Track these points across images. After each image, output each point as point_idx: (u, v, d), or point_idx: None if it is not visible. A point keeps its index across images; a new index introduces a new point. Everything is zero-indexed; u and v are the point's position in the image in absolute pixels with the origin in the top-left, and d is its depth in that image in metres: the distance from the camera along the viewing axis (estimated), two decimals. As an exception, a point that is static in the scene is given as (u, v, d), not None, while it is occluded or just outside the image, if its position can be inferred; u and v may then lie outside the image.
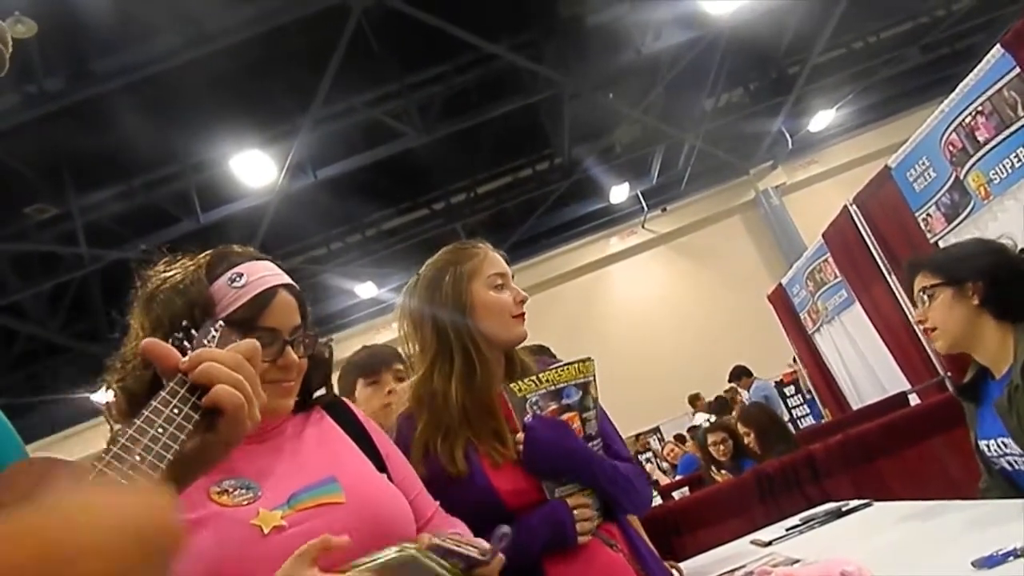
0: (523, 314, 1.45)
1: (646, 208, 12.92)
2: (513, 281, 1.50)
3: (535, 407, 1.35)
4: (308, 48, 6.90)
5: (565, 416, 1.37)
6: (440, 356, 1.43)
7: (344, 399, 1.22)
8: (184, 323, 0.90)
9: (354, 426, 1.16)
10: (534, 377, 1.36)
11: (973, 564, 1.04)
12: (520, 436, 1.33)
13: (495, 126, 9.02)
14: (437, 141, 8.80)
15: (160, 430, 0.70)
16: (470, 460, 1.35)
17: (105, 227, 8.51)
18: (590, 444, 1.38)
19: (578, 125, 9.76)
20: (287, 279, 1.12)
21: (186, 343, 0.84)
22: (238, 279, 1.05)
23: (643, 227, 13.31)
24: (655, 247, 13.47)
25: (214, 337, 0.86)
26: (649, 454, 10.98)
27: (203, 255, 1.11)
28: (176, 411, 0.73)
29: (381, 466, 1.12)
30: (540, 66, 8.21)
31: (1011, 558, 1.02)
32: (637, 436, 12.11)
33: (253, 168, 8.07)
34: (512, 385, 1.34)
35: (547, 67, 8.24)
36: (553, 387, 1.37)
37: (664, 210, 13.20)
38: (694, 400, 9.81)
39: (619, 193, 12.08)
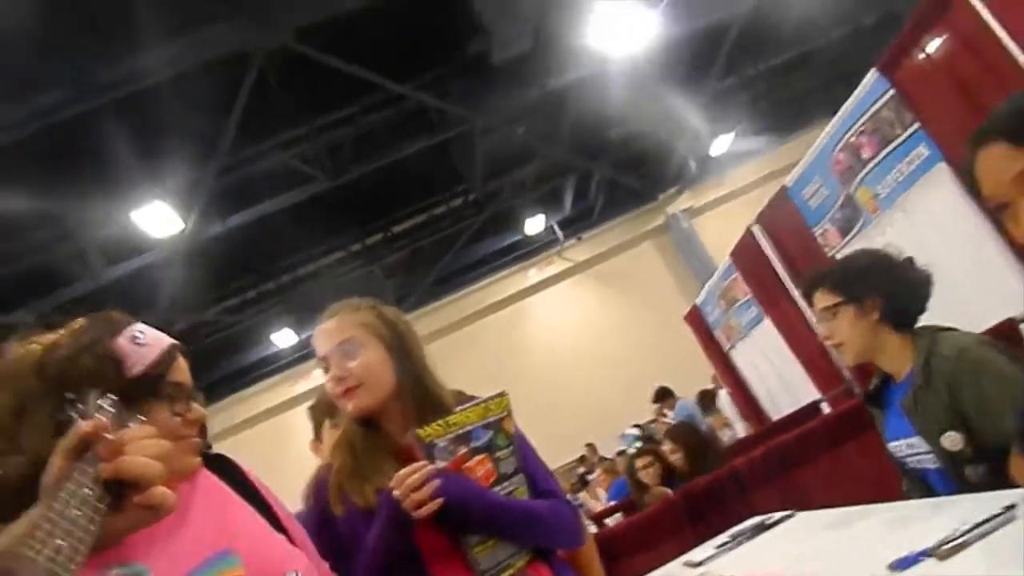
0: (348, 390, 1.43)
1: (561, 238, 13.14)
2: (343, 350, 1.48)
3: (443, 453, 1.32)
4: (211, 95, 6.76)
5: (475, 459, 1.35)
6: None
7: (224, 454, 1.15)
8: (70, 395, 0.84)
9: (243, 484, 1.10)
10: (441, 421, 1.34)
11: (889, 567, 1.07)
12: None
13: (407, 165, 9.02)
14: (349, 183, 8.73)
15: (77, 513, 0.69)
16: (380, 497, 1.35)
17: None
18: (506, 483, 1.37)
19: (489, 160, 9.87)
20: (173, 340, 1.11)
21: (73, 414, 0.80)
22: (140, 336, 1.03)
23: (559, 256, 13.51)
24: (572, 275, 13.68)
25: (110, 412, 0.81)
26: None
27: (77, 322, 1.04)
28: (89, 492, 0.72)
29: (277, 524, 1.07)
30: (448, 104, 8.29)
31: (923, 558, 1.06)
32: (581, 460, 12.07)
33: (156, 220, 7.77)
34: (419, 431, 1.32)
35: (455, 105, 8.32)
36: (461, 430, 1.35)
37: (579, 239, 13.45)
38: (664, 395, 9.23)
39: (534, 224, 12.25)
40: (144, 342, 1.02)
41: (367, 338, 1.47)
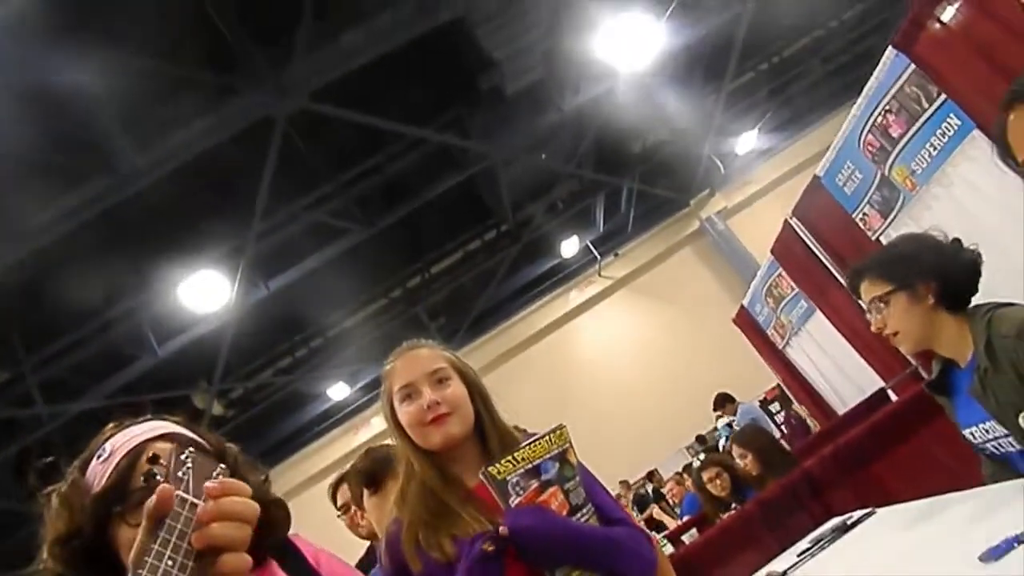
0: (438, 417, 1.42)
1: (599, 256, 13.10)
2: (436, 378, 1.48)
3: (517, 488, 1.31)
4: (240, 164, 6.97)
5: (547, 492, 1.34)
6: (405, 464, 1.49)
7: (291, 539, 1.13)
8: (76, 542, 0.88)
9: (297, 564, 1.10)
10: (510, 457, 1.32)
11: (980, 558, 1.03)
12: (503, 529, 1.30)
13: (436, 206, 9.13)
14: (383, 231, 8.87)
15: None
16: (460, 546, 1.33)
17: (60, 380, 8.29)
18: (578, 515, 1.36)
19: (516, 189, 9.95)
20: (166, 429, 1.07)
21: (159, 477, 0.81)
22: (103, 453, 1.01)
23: (599, 275, 13.46)
24: (614, 292, 13.60)
25: (188, 469, 0.82)
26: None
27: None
28: (171, 563, 0.73)
29: None
30: (469, 141, 8.40)
31: (1015, 545, 1.02)
32: (649, 476, 11.89)
33: (203, 292, 7.99)
34: (491, 469, 1.31)
35: (476, 140, 8.43)
36: (530, 464, 1.34)
37: (616, 255, 13.40)
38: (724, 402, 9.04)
39: (569, 247, 12.25)
40: (105, 456, 1.01)
41: (452, 372, 1.50)
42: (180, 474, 0.80)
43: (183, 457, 0.82)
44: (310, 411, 12.60)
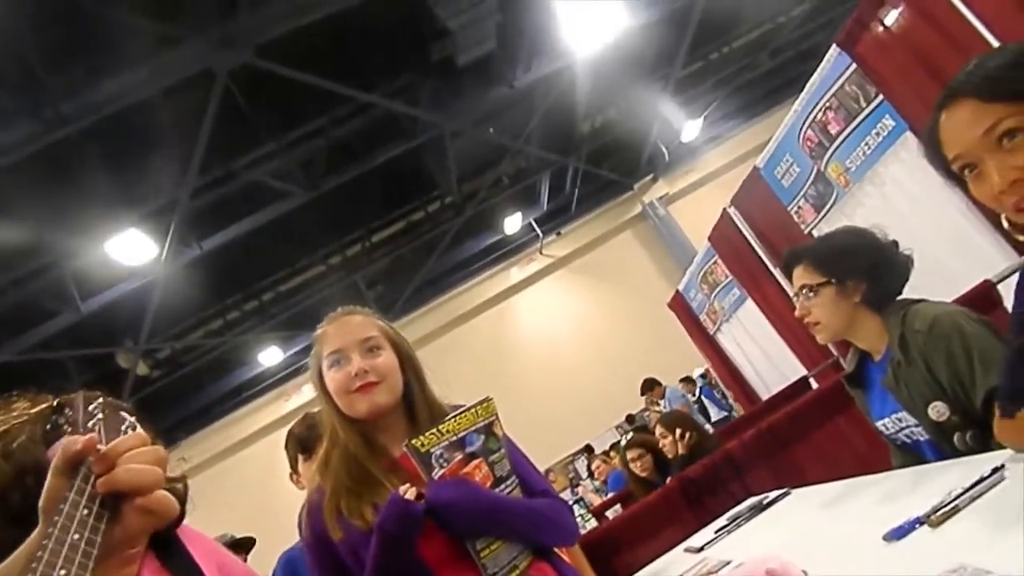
0: (366, 385, 1.41)
1: (541, 234, 13.16)
2: (367, 346, 1.46)
3: (440, 460, 1.32)
4: (177, 118, 6.71)
5: (472, 464, 1.34)
6: (329, 430, 1.47)
7: (181, 533, 1.08)
8: (15, 496, 0.84)
9: (183, 565, 1.03)
10: (434, 430, 1.32)
11: (884, 538, 1.09)
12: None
13: (381, 173, 8.99)
14: (324, 196, 8.70)
15: (76, 536, 0.68)
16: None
17: (-26, 332, 7.92)
18: (502, 486, 1.37)
19: (463, 162, 9.87)
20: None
21: (66, 427, 0.79)
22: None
23: (540, 253, 13.53)
24: (555, 271, 13.71)
25: (99, 420, 0.80)
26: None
27: (38, 408, 1.00)
28: (87, 511, 0.71)
29: None
30: (417, 110, 8.28)
31: (916, 526, 1.08)
32: (572, 459, 12.17)
33: (133, 247, 7.69)
34: (414, 441, 1.30)
35: (425, 110, 8.31)
36: (455, 436, 1.34)
37: (558, 234, 13.48)
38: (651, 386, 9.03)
39: (512, 223, 12.26)
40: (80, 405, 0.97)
41: (384, 341, 1.49)
42: (90, 424, 0.78)
43: (91, 408, 0.80)
44: (240, 375, 12.36)
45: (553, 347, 13.08)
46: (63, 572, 0.65)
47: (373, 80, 7.80)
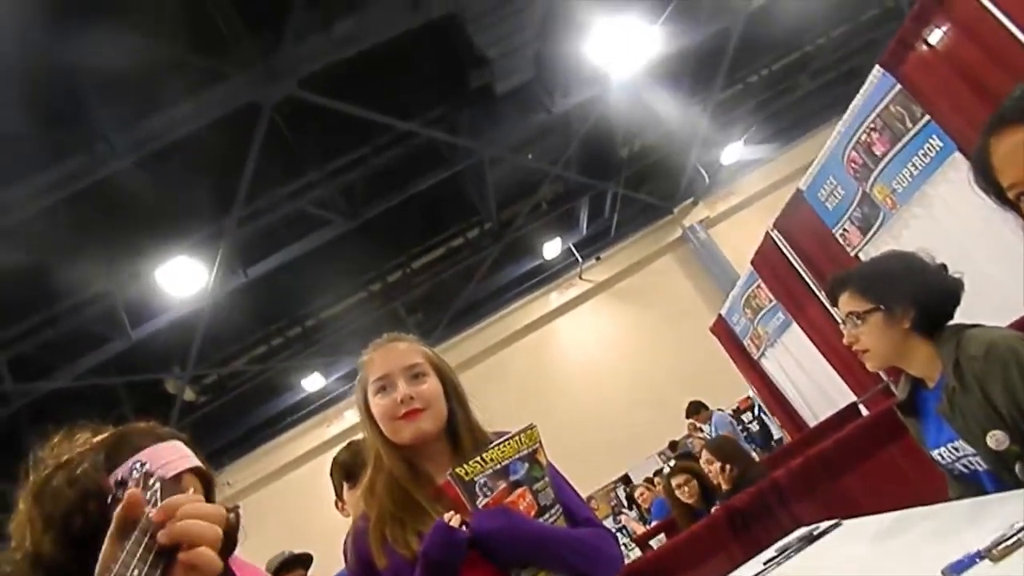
0: (411, 412, 1.41)
1: (580, 259, 13.13)
2: (412, 372, 1.46)
3: (484, 489, 1.31)
4: (225, 149, 6.90)
5: (515, 493, 1.33)
6: (374, 456, 1.48)
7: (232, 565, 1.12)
8: (78, 520, 0.85)
9: None
10: (478, 458, 1.32)
11: (942, 572, 1.05)
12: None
13: (421, 201, 9.11)
14: (365, 223, 8.83)
15: None
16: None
17: (30, 358, 8.16)
18: (546, 515, 1.35)
19: (502, 188, 9.94)
20: (193, 461, 1.08)
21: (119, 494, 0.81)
22: (139, 468, 0.98)
23: (580, 278, 13.49)
24: (595, 296, 13.64)
25: (156, 491, 0.82)
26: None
27: (101, 437, 1.04)
28: (137, 573, 0.71)
29: None
30: (456, 137, 8.38)
31: (977, 560, 1.04)
32: (614, 486, 12.03)
33: (180, 276, 7.89)
34: (458, 470, 1.30)
35: (463, 137, 8.41)
36: (499, 465, 1.33)
37: (598, 259, 13.43)
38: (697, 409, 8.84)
39: (552, 249, 12.27)
40: (139, 476, 1.00)
41: (429, 368, 1.50)
42: (147, 495, 0.80)
43: (151, 482, 0.82)
44: (284, 401, 12.51)
45: (594, 372, 12.98)
46: None
47: (412, 109, 7.94)
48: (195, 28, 5.92)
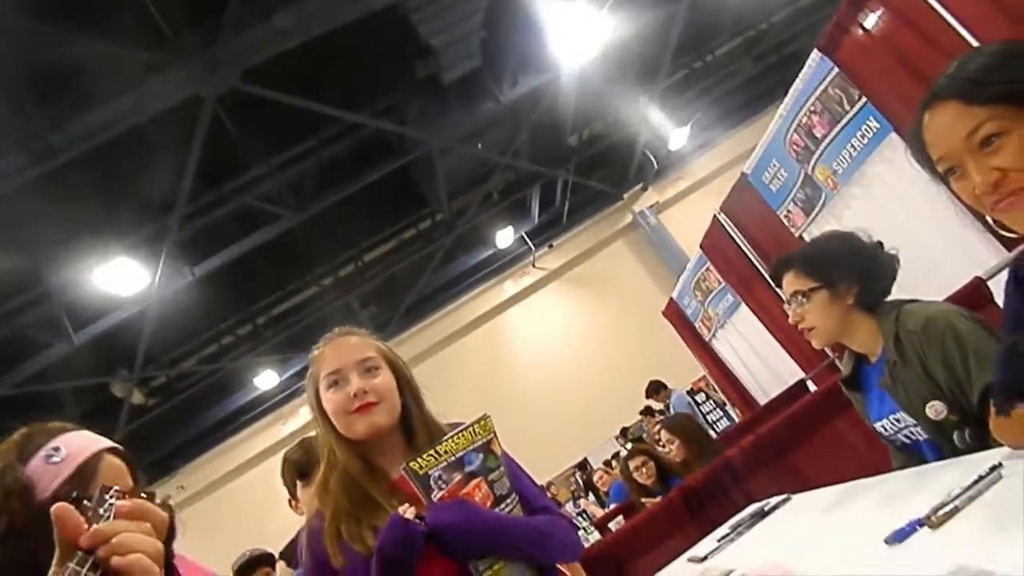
0: (364, 405, 1.40)
1: (533, 247, 13.17)
2: (364, 366, 1.45)
3: (439, 482, 1.31)
4: (165, 144, 6.71)
5: (470, 484, 1.33)
6: (327, 453, 1.46)
7: (176, 564, 1.10)
8: (3, 519, 0.87)
9: None
10: (432, 451, 1.31)
11: (886, 541, 1.08)
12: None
13: (371, 193, 9.00)
14: (315, 217, 8.70)
15: None
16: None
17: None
18: (502, 505, 1.36)
19: (453, 179, 9.89)
20: (109, 443, 1.06)
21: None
22: (55, 454, 0.99)
23: (533, 266, 13.54)
24: (548, 283, 13.71)
25: (110, 506, 0.81)
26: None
27: (11, 438, 1.04)
28: None
29: None
30: (405, 128, 8.30)
31: (917, 527, 1.07)
32: (572, 472, 12.14)
33: (124, 276, 7.64)
34: (412, 464, 1.29)
35: (412, 128, 8.34)
36: (453, 457, 1.33)
37: (551, 247, 13.50)
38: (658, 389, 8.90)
39: (504, 237, 12.28)
40: (58, 459, 0.98)
41: (382, 362, 1.48)
42: (102, 511, 0.80)
43: (108, 496, 0.82)
44: (236, 400, 12.28)
45: (549, 360, 13.06)
46: None
47: (360, 100, 7.83)
48: (133, 20, 5.73)
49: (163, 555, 0.79)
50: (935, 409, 1.52)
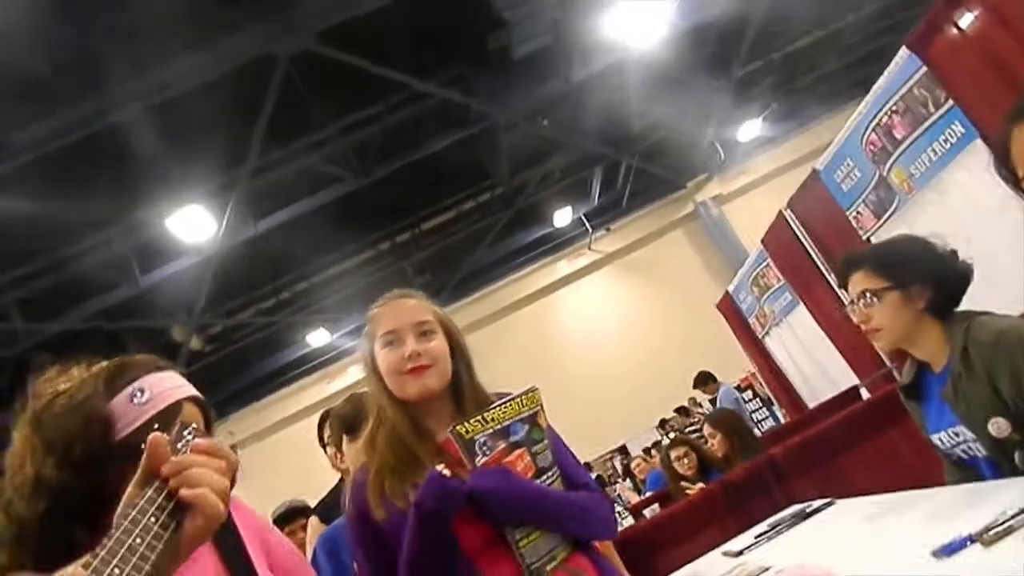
0: (418, 368, 1.43)
1: (590, 229, 13.09)
2: (421, 329, 1.47)
3: (484, 448, 1.32)
4: (239, 100, 6.85)
5: (514, 453, 1.35)
6: (376, 410, 1.49)
7: (232, 511, 1.13)
8: (80, 445, 0.89)
9: (229, 540, 1.10)
10: (479, 417, 1.33)
11: (933, 554, 1.06)
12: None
13: (434, 162, 9.05)
14: (377, 182, 8.79)
15: (138, 540, 0.73)
16: None
17: (39, 301, 8.22)
18: (543, 477, 1.37)
19: (516, 154, 9.86)
20: (192, 390, 1.10)
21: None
22: (139, 395, 1.02)
23: (589, 248, 13.47)
24: (603, 267, 13.63)
25: (187, 443, 0.85)
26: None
27: (100, 366, 1.07)
28: (153, 519, 0.76)
29: None
30: (472, 100, 8.30)
31: (968, 543, 1.05)
32: (610, 456, 12.15)
33: (192, 225, 7.89)
34: (459, 427, 1.31)
35: (479, 100, 8.33)
36: (499, 425, 1.35)
37: (608, 230, 13.39)
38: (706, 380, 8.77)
39: (563, 217, 12.22)
40: (142, 401, 1.01)
41: (437, 326, 1.51)
42: (179, 445, 0.84)
43: (186, 432, 0.85)
44: (288, 355, 12.60)
45: (598, 342, 13.02)
46: (116, 571, 0.69)
47: (429, 69, 7.85)
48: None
49: (228, 494, 0.82)
50: (998, 426, 1.47)
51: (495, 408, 1.35)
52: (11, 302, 7.90)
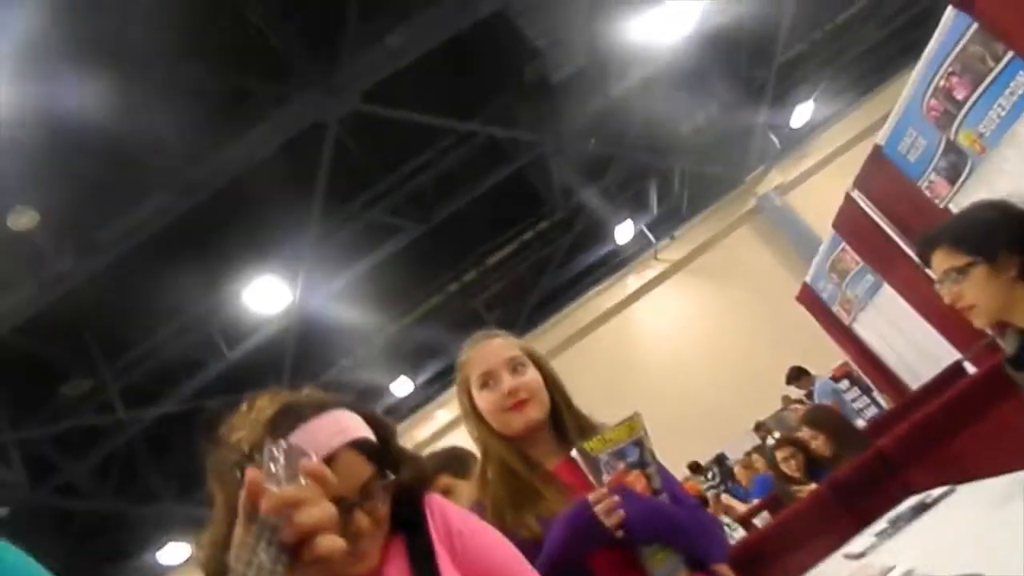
0: (519, 403, 1.45)
1: (654, 240, 12.95)
2: (512, 365, 1.50)
3: (607, 467, 1.36)
4: (294, 169, 7.12)
5: (632, 474, 1.37)
6: (482, 449, 1.54)
7: (427, 509, 1.11)
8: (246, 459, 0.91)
9: (424, 557, 1.06)
10: (599, 436, 1.38)
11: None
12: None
13: (490, 198, 9.16)
14: (436, 227, 8.95)
15: None
16: (545, 525, 1.36)
17: (138, 387, 8.64)
18: (658, 499, 1.39)
19: (568, 177, 9.90)
20: (349, 435, 1.04)
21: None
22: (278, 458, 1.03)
23: (656, 259, 13.31)
24: (672, 276, 13.44)
25: (278, 460, 0.82)
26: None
27: (270, 407, 1.08)
28: (265, 556, 0.72)
29: None
30: (518, 131, 8.39)
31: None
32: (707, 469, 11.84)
33: (266, 295, 8.23)
34: (585, 445, 1.35)
35: (524, 131, 8.42)
36: (615, 447, 1.38)
37: (672, 238, 13.22)
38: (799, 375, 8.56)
39: (624, 232, 12.13)
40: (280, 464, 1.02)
41: (527, 359, 1.54)
42: (272, 467, 0.80)
43: (275, 451, 0.82)
44: (375, 407, 12.80)
45: (679, 352, 12.79)
46: None
47: (473, 108, 7.99)
48: (251, 56, 6.13)
49: (334, 519, 0.79)
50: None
51: (610, 430, 1.39)
52: (114, 392, 8.32)
